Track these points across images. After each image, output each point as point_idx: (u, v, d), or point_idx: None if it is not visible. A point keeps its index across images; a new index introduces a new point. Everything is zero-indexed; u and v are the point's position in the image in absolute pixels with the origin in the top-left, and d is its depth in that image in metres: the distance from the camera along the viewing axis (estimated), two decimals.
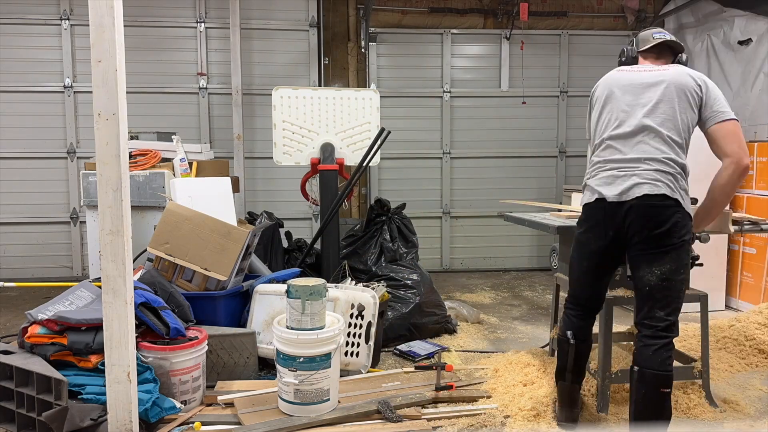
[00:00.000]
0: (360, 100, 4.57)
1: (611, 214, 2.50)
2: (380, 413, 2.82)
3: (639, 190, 2.42)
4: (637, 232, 2.44)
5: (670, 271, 2.42)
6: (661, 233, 2.40)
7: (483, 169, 6.95)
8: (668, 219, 2.40)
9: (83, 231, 6.32)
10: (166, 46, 6.47)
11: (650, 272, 2.43)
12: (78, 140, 6.40)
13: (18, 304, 5.17)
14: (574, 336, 2.75)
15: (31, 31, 6.27)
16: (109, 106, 2.34)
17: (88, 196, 4.14)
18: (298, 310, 2.76)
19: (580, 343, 2.76)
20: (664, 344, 2.44)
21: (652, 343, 2.44)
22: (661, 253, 2.42)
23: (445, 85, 6.83)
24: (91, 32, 2.32)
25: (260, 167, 6.58)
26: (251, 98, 6.49)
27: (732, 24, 5.71)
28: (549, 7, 6.83)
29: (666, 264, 2.41)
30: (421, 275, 4.32)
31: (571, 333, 2.76)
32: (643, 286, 2.47)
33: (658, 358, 2.42)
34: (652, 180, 2.42)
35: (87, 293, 3.12)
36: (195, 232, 3.43)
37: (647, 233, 2.42)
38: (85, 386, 2.65)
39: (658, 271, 2.42)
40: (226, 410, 2.90)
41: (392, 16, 6.68)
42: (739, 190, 5.02)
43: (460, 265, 7.02)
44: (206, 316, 3.40)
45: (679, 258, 2.43)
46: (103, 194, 2.37)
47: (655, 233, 2.41)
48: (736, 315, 4.19)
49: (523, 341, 4.25)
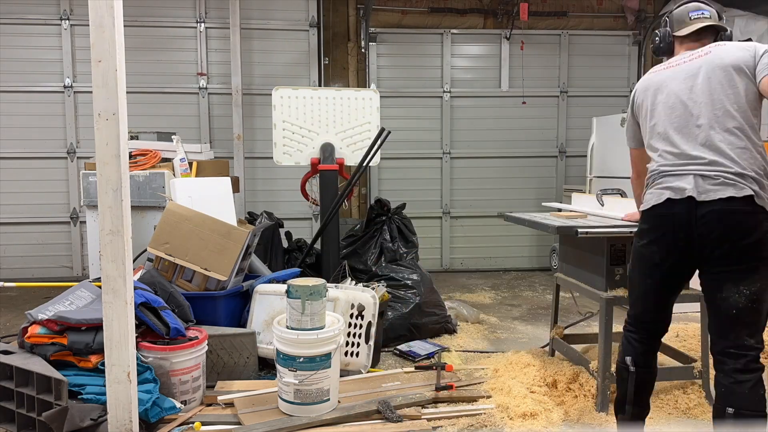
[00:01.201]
0: (360, 100, 4.57)
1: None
2: (380, 413, 2.82)
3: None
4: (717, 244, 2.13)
5: (761, 290, 2.09)
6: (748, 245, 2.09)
7: (483, 169, 6.95)
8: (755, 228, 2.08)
9: (83, 231, 6.32)
10: (166, 46, 6.48)
11: (738, 292, 2.11)
12: (78, 140, 6.40)
13: (18, 304, 5.17)
14: (635, 363, 2.41)
15: (31, 31, 6.27)
16: (109, 106, 2.34)
17: (88, 196, 4.14)
18: (298, 310, 2.76)
19: (642, 371, 2.42)
20: (759, 379, 2.09)
21: (745, 379, 2.08)
22: (750, 270, 2.10)
23: (445, 85, 6.83)
24: (91, 32, 2.32)
25: (260, 167, 6.58)
26: (251, 98, 6.49)
27: (732, 24, 5.71)
28: (549, 7, 6.83)
29: (756, 283, 2.09)
30: (421, 275, 4.32)
31: (631, 359, 2.42)
32: (729, 309, 2.12)
33: (756, 396, 2.06)
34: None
35: (87, 293, 3.11)
36: (195, 232, 3.43)
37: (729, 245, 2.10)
38: (85, 386, 2.65)
39: (747, 291, 2.09)
40: (226, 410, 2.90)
41: (392, 16, 6.68)
42: None
43: (460, 265, 7.02)
44: (206, 316, 3.40)
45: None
46: (103, 194, 2.37)
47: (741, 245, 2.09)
48: None
49: (523, 341, 4.25)
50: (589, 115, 6.20)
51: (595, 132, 5.91)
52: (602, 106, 6.72)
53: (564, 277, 3.57)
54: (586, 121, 6.29)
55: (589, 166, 6.03)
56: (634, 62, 6.97)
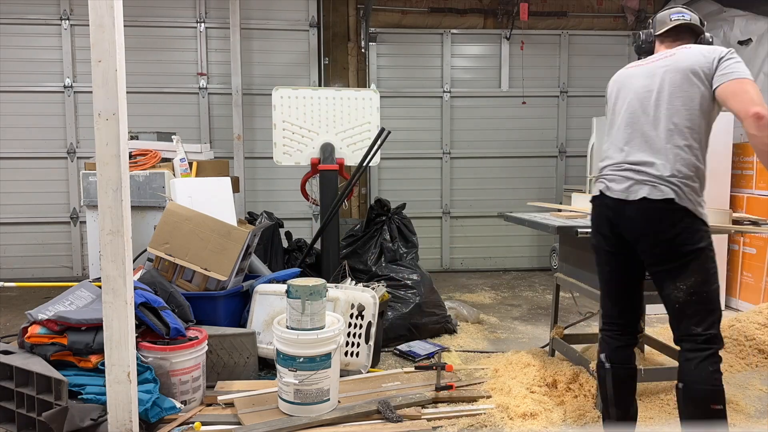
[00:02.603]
0: (360, 100, 4.57)
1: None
2: (380, 413, 2.82)
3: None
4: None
5: (697, 283, 2.21)
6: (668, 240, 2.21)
7: (483, 169, 6.95)
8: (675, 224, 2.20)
9: (83, 231, 6.32)
10: (166, 46, 6.47)
11: (676, 288, 2.24)
12: (78, 140, 6.40)
13: (18, 304, 5.17)
14: (609, 359, 2.46)
15: (31, 31, 6.27)
16: (109, 106, 2.34)
17: (88, 196, 4.14)
18: (298, 310, 2.76)
19: (617, 367, 2.45)
20: (708, 356, 2.20)
21: (693, 356, 2.21)
22: (682, 266, 2.21)
23: (445, 85, 6.83)
24: (91, 32, 2.32)
25: (260, 167, 6.58)
26: (251, 98, 6.49)
27: (732, 24, 5.71)
28: (549, 7, 6.83)
29: (691, 277, 2.21)
30: (421, 275, 4.32)
31: (605, 356, 2.47)
32: (673, 304, 2.26)
33: (703, 371, 2.18)
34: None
35: (87, 293, 3.11)
36: (195, 233, 3.43)
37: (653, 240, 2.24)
38: (85, 386, 2.65)
39: (683, 286, 2.22)
40: (226, 410, 2.90)
41: (392, 16, 6.68)
42: (739, 190, 5.02)
43: (460, 265, 7.02)
44: (206, 316, 3.40)
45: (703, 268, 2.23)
46: (103, 194, 2.37)
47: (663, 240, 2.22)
48: (736, 315, 4.18)
49: (523, 341, 4.25)
50: (589, 115, 6.19)
51: (595, 132, 5.90)
52: (602, 106, 6.59)
53: (564, 277, 3.57)
54: (586, 121, 6.28)
55: (589, 166, 6.02)
56: None
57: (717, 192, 4.86)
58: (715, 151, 4.85)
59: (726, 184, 4.94)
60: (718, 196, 4.84)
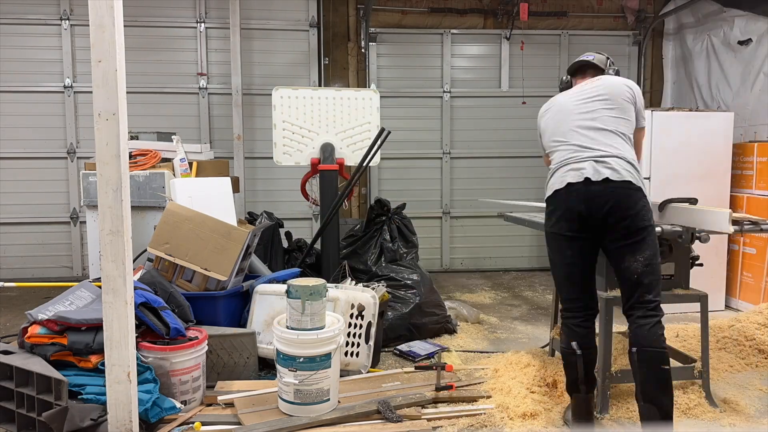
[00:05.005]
0: (360, 100, 4.57)
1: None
2: (380, 413, 2.82)
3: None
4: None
5: (651, 255, 2.55)
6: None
7: (483, 169, 6.95)
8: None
9: (83, 231, 6.31)
10: (166, 46, 6.47)
11: (635, 260, 2.54)
12: (78, 140, 6.40)
13: (18, 304, 5.17)
14: (580, 346, 2.68)
15: (31, 31, 6.26)
16: (109, 106, 2.34)
17: (88, 196, 4.14)
18: (298, 310, 2.76)
19: (588, 352, 2.70)
20: (656, 322, 2.52)
21: (645, 323, 2.52)
22: (641, 241, 2.53)
23: (445, 85, 6.83)
24: (91, 32, 2.32)
25: (260, 167, 6.57)
26: (251, 98, 6.49)
27: (732, 24, 5.70)
28: (549, 7, 6.83)
29: (646, 250, 2.54)
30: (421, 275, 4.32)
31: (577, 344, 2.68)
32: (632, 275, 2.54)
33: (653, 335, 2.50)
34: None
35: (87, 293, 3.12)
36: (195, 233, 3.43)
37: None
38: (85, 386, 2.65)
39: (642, 258, 2.53)
40: (226, 410, 2.90)
41: (392, 16, 6.68)
42: (739, 190, 5.03)
43: (460, 265, 7.02)
44: (206, 316, 3.40)
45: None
46: (103, 194, 2.37)
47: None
48: (736, 315, 4.19)
49: (523, 341, 4.25)
50: None
51: None
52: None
53: None
54: None
55: None
56: (634, 62, 6.97)
57: (717, 192, 4.86)
58: (715, 151, 4.88)
59: (726, 184, 4.94)
60: (718, 196, 4.85)
